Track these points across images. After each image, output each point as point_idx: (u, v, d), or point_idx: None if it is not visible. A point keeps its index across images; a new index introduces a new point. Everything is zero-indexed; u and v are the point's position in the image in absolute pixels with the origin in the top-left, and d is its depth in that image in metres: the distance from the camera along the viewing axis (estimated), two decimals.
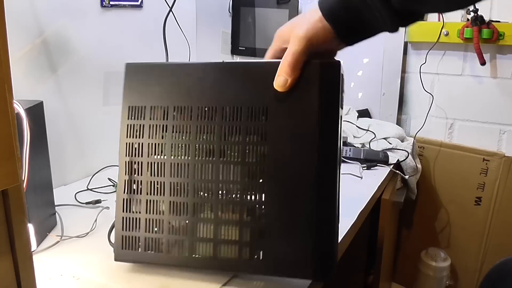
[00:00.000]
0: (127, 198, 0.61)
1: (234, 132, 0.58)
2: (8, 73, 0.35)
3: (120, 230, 0.62)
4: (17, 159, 0.37)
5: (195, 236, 0.59)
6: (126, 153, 0.61)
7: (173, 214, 0.60)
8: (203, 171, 0.59)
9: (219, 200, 0.58)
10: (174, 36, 1.24)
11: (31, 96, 0.81)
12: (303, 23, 0.53)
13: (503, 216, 1.44)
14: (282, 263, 0.56)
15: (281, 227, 0.56)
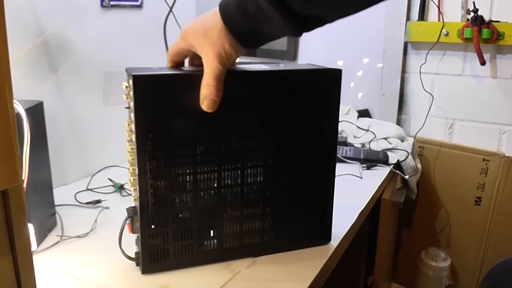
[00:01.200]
0: (152, 213, 0.59)
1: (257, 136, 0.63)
2: (8, 73, 0.35)
3: (147, 246, 0.60)
4: (17, 159, 0.36)
5: (223, 233, 0.64)
6: (149, 172, 0.58)
7: (202, 220, 0.62)
8: (229, 177, 0.61)
9: (244, 200, 0.63)
10: (174, 36, 1.24)
11: (31, 96, 0.81)
12: (210, 36, 0.54)
13: (503, 216, 1.44)
14: (296, 239, 0.69)
15: (294, 211, 0.68)
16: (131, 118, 0.57)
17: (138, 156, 0.57)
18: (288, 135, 0.64)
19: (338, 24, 0.54)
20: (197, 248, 0.63)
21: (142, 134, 0.56)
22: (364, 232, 1.22)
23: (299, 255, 0.68)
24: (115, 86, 1.09)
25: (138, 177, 0.57)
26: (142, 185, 0.58)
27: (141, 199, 0.58)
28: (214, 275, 0.62)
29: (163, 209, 0.60)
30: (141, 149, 0.56)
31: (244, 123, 0.60)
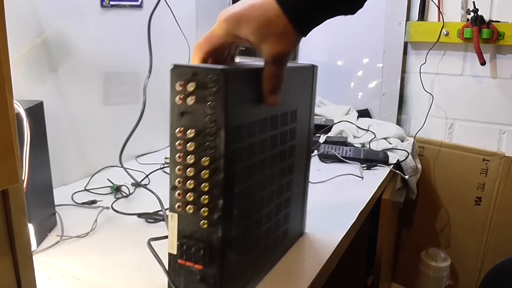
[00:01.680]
0: (224, 232, 0.51)
1: (288, 137, 0.63)
2: (8, 73, 0.35)
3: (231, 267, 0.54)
4: (17, 159, 0.37)
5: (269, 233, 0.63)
6: (231, 181, 0.50)
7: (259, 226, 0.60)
8: (271, 178, 0.60)
9: (279, 198, 0.63)
10: (174, 36, 1.24)
11: (31, 96, 0.81)
12: (274, 27, 0.49)
13: (503, 216, 1.44)
14: (294, 234, 0.72)
15: (299, 205, 0.72)
16: (193, 122, 0.48)
17: (227, 163, 0.48)
18: (299, 128, 0.65)
19: (338, 24, 0.54)
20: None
21: (228, 138, 0.48)
22: (364, 232, 1.22)
23: (299, 255, 0.68)
24: (115, 86, 1.09)
25: (224, 187, 0.49)
26: (228, 197, 0.50)
27: (224, 217, 0.50)
28: None
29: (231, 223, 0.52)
30: (228, 157, 0.48)
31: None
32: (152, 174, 1.05)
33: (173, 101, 0.48)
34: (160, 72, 1.17)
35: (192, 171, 0.49)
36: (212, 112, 0.47)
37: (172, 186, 0.51)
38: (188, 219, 0.51)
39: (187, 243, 0.51)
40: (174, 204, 0.51)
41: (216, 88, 0.46)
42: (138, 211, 0.84)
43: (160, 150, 1.26)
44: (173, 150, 0.50)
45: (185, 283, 0.53)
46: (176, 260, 0.52)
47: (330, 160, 1.20)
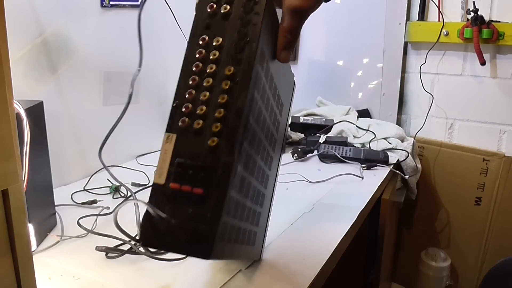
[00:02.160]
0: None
1: (276, 126, 0.59)
2: (8, 73, 0.35)
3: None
4: (17, 159, 0.37)
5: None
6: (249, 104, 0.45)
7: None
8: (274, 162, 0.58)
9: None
10: (174, 36, 1.24)
11: (31, 96, 0.81)
12: None
13: (503, 216, 1.44)
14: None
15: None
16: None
17: (251, 81, 0.44)
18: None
19: (338, 24, 0.54)
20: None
21: (256, 55, 0.45)
22: (364, 232, 1.22)
23: (299, 255, 0.68)
24: (115, 86, 1.09)
25: (243, 106, 0.43)
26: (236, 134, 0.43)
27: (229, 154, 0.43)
28: (214, 275, 0.62)
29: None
30: (253, 75, 0.44)
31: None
32: (152, 174, 1.05)
33: (199, 12, 0.45)
34: (160, 72, 1.18)
35: (210, 81, 0.44)
36: (245, 24, 0.44)
37: (176, 103, 0.45)
38: (190, 139, 0.43)
39: (185, 163, 0.43)
40: (175, 121, 0.44)
41: (255, 1, 0.44)
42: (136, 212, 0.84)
43: (159, 150, 1.26)
44: (189, 61, 0.45)
45: (173, 217, 0.42)
46: (163, 190, 0.43)
47: (330, 160, 1.20)
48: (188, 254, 0.42)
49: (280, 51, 0.52)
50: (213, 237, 0.41)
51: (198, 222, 0.41)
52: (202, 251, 0.41)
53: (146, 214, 0.42)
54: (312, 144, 1.27)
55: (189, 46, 0.45)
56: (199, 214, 0.41)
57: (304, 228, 0.78)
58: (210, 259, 0.41)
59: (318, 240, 0.73)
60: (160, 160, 0.44)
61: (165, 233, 0.41)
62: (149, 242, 0.42)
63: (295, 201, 0.88)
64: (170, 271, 0.63)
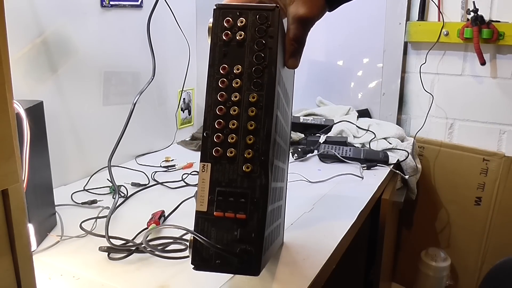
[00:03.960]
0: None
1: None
2: (8, 73, 0.35)
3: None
4: (17, 159, 0.37)
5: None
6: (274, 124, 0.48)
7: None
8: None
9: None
10: (174, 36, 1.24)
11: (31, 96, 0.81)
12: None
13: (503, 216, 1.44)
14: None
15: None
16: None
17: (273, 102, 0.46)
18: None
19: (338, 24, 0.55)
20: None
21: (275, 76, 0.46)
22: (364, 232, 1.22)
23: (299, 255, 0.68)
24: (115, 86, 1.09)
25: (269, 128, 0.46)
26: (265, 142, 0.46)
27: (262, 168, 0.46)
28: (213, 275, 0.62)
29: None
30: (274, 96, 0.46)
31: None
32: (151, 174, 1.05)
33: (215, 40, 0.47)
34: (160, 72, 1.18)
35: (236, 110, 0.46)
36: (261, 48, 0.46)
37: (206, 133, 0.47)
38: (225, 167, 0.46)
39: (225, 191, 0.46)
40: (209, 151, 0.46)
41: (267, 25, 0.46)
42: (137, 212, 0.84)
43: (159, 150, 1.26)
44: (213, 90, 0.47)
45: (219, 242, 0.46)
46: (207, 217, 0.46)
47: (330, 160, 1.20)
48: (238, 273, 0.47)
49: (288, 58, 0.53)
50: (260, 255, 0.45)
51: (244, 243, 0.46)
52: (251, 269, 0.46)
53: (194, 240, 0.46)
54: (312, 144, 1.27)
55: (210, 75, 0.47)
56: (243, 236, 0.46)
57: (304, 228, 0.78)
58: (259, 275, 0.46)
59: (318, 240, 0.73)
60: (199, 189, 0.47)
61: (214, 256, 0.46)
62: (199, 267, 0.47)
63: (295, 201, 0.88)
64: (170, 271, 0.63)
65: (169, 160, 1.16)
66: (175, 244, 0.70)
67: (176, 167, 1.11)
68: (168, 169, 1.10)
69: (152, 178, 1.03)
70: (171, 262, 0.65)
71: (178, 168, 1.10)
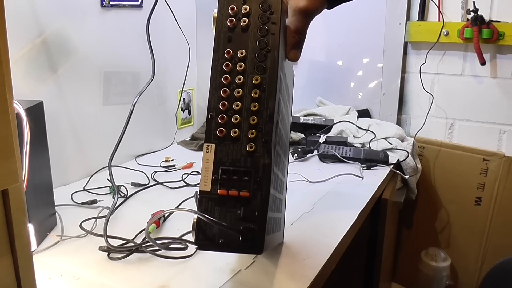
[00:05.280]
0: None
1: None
2: (8, 73, 0.35)
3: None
4: (17, 159, 0.37)
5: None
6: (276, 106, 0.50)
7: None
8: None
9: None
10: (174, 36, 1.24)
11: (31, 96, 0.81)
12: None
13: (503, 216, 1.44)
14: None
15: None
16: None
17: (277, 85, 0.48)
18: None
19: (338, 24, 0.55)
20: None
21: (278, 61, 0.48)
22: (364, 232, 1.22)
23: (299, 255, 0.68)
24: (115, 86, 1.09)
25: (272, 110, 0.47)
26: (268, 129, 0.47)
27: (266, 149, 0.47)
28: (213, 275, 0.62)
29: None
30: (278, 79, 0.48)
31: None
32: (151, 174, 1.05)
33: (220, 27, 0.49)
34: (160, 72, 1.18)
35: (240, 92, 0.48)
36: (264, 34, 0.48)
37: (210, 115, 0.48)
38: (229, 147, 0.47)
39: (228, 170, 0.47)
40: (213, 132, 0.48)
41: (270, 12, 0.48)
42: (137, 212, 0.84)
43: (159, 150, 1.26)
44: (217, 74, 0.48)
45: (223, 220, 0.46)
46: (210, 196, 0.47)
47: (330, 160, 1.20)
48: (241, 252, 0.47)
49: (289, 50, 0.53)
50: (263, 233, 0.46)
51: (248, 221, 0.46)
52: (255, 247, 0.46)
53: (197, 220, 0.46)
54: (312, 144, 1.27)
55: (215, 59, 0.49)
56: (247, 215, 0.46)
57: (304, 228, 0.78)
58: (262, 253, 0.46)
59: (318, 240, 0.73)
60: (203, 169, 0.47)
61: (218, 235, 0.46)
62: (203, 246, 0.47)
63: (295, 201, 0.88)
64: (170, 271, 0.63)
65: (169, 160, 1.16)
66: (175, 245, 0.70)
67: (176, 167, 1.11)
68: (168, 169, 1.10)
69: (152, 178, 1.03)
70: (171, 262, 0.65)
71: (178, 168, 1.10)
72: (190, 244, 0.67)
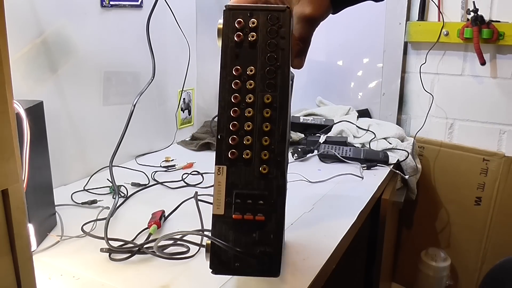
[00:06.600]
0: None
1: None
2: (8, 73, 0.35)
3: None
4: (17, 159, 0.37)
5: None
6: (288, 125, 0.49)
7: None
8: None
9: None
10: (174, 36, 1.24)
11: (31, 96, 0.81)
12: None
13: (503, 216, 1.44)
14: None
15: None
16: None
17: (288, 103, 0.46)
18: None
19: (338, 24, 0.55)
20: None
21: (288, 77, 0.46)
22: (364, 232, 1.22)
23: (299, 255, 0.68)
24: (115, 86, 1.09)
25: (284, 129, 0.46)
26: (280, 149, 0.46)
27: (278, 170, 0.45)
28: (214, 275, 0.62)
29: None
30: (289, 97, 0.46)
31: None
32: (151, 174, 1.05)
33: (226, 42, 0.46)
34: (160, 72, 1.18)
35: (251, 111, 0.46)
36: (273, 49, 0.46)
37: (220, 136, 0.46)
38: (241, 169, 0.46)
39: (243, 193, 0.45)
40: (224, 154, 0.46)
41: (279, 25, 0.46)
42: (137, 212, 0.84)
43: (159, 150, 1.26)
44: (226, 92, 0.46)
45: (238, 244, 0.45)
46: (224, 220, 0.45)
47: (330, 160, 1.20)
48: (258, 275, 0.47)
49: (293, 58, 0.52)
50: (279, 256, 0.46)
51: (263, 245, 0.45)
52: (272, 270, 0.46)
53: (211, 245, 0.46)
54: (312, 144, 1.27)
55: (223, 76, 0.47)
56: (262, 238, 0.45)
57: (304, 228, 0.78)
58: (279, 276, 0.46)
59: (318, 240, 0.73)
60: (215, 192, 0.46)
61: (233, 259, 0.46)
62: (219, 270, 0.47)
63: (295, 201, 0.88)
64: (170, 271, 0.63)
65: (169, 160, 1.16)
66: (175, 246, 0.70)
67: (176, 167, 1.11)
68: (168, 169, 1.10)
69: (152, 178, 1.03)
70: (172, 263, 0.65)
71: (178, 168, 1.10)
72: (192, 245, 0.67)
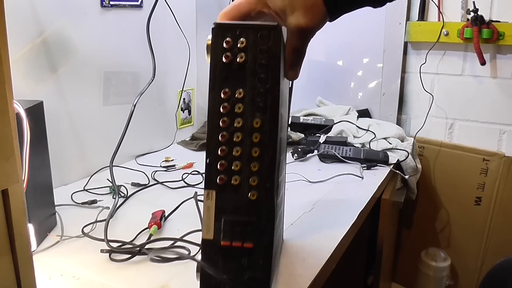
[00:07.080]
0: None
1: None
2: (8, 73, 0.35)
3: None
4: (17, 159, 0.37)
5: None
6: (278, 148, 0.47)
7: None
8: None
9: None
10: (174, 36, 1.24)
11: (31, 96, 0.81)
12: (304, 1, 0.48)
13: (503, 216, 1.44)
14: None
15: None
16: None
17: (277, 126, 0.44)
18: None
19: (338, 24, 0.54)
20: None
21: (278, 99, 0.44)
22: (364, 232, 1.22)
23: (299, 255, 0.68)
24: (115, 86, 1.09)
25: (274, 153, 0.44)
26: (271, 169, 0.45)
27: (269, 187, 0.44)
28: None
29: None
30: (278, 119, 0.45)
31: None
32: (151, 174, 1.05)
33: (214, 61, 0.45)
34: (160, 72, 1.18)
35: (240, 136, 0.44)
36: (263, 70, 0.44)
37: (209, 160, 0.45)
38: (230, 194, 0.45)
39: (231, 220, 0.44)
40: (213, 179, 0.45)
41: (268, 45, 0.44)
42: (137, 212, 0.84)
43: (159, 150, 1.26)
44: (214, 115, 0.45)
45: (227, 270, 0.45)
46: (213, 245, 0.45)
47: (330, 160, 1.20)
48: None
49: (288, 70, 0.51)
50: (268, 281, 0.45)
51: (252, 271, 0.45)
52: None
53: (202, 269, 0.45)
54: (312, 144, 1.27)
55: (211, 99, 0.45)
56: (251, 264, 0.45)
57: (304, 228, 0.78)
58: None
59: (318, 240, 0.73)
60: (204, 216, 0.46)
61: (222, 284, 0.45)
62: None
63: (295, 201, 0.88)
64: (169, 271, 0.63)
65: (169, 160, 1.16)
66: (175, 247, 0.70)
67: (176, 167, 1.11)
68: (168, 169, 1.10)
69: (152, 178, 1.03)
70: (172, 263, 0.65)
71: (178, 168, 1.10)
72: (191, 245, 0.67)
